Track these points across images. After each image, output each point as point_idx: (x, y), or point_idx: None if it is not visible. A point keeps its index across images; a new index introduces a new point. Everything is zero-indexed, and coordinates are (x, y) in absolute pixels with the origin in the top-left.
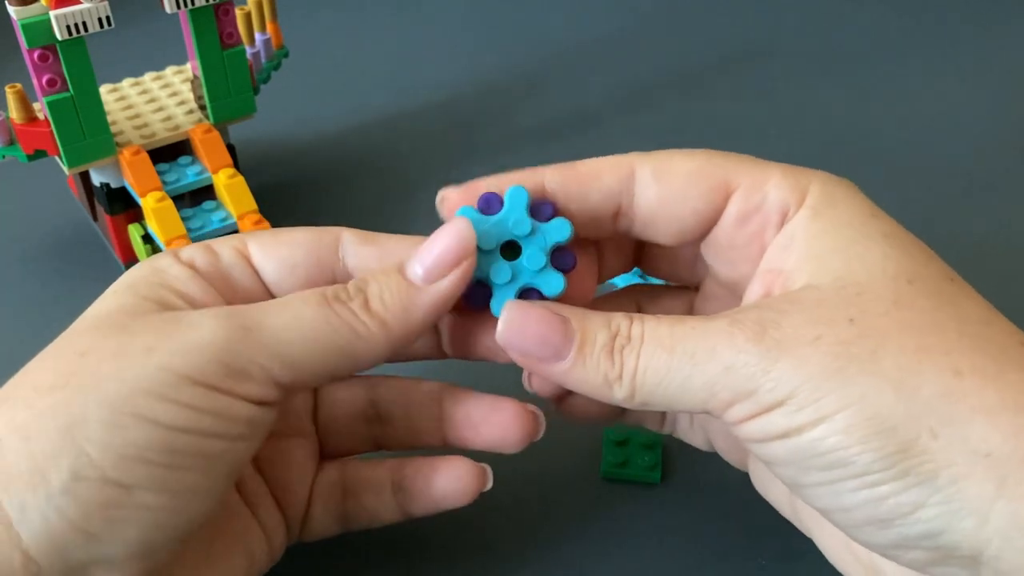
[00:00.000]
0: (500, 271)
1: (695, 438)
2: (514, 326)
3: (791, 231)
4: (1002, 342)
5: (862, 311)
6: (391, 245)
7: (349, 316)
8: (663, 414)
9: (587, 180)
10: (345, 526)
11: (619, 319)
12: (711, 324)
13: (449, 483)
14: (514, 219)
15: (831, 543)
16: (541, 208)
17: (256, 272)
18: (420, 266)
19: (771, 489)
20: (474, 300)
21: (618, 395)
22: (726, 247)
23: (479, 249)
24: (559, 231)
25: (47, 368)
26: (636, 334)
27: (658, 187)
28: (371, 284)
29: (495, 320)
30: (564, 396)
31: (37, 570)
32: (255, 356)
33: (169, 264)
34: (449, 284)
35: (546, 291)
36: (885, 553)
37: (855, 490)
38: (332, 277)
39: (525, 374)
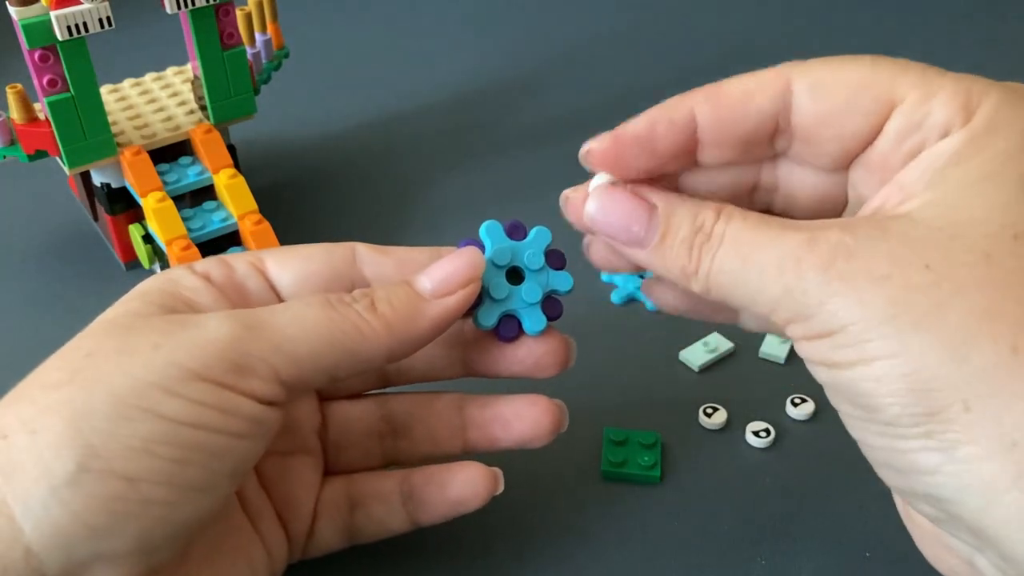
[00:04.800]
0: (499, 287)
1: None
2: (602, 209)
3: (938, 151)
4: None
5: (945, 257)
6: (405, 255)
7: (353, 315)
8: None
9: (739, 104)
10: (352, 540)
11: (706, 213)
12: (789, 238)
13: (464, 487)
14: (530, 252)
15: None
16: (555, 255)
17: (271, 285)
18: (429, 281)
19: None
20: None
21: (695, 288)
22: (879, 166)
23: (491, 263)
24: (562, 282)
25: (53, 368)
26: (718, 232)
27: (817, 104)
28: (378, 290)
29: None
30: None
31: (39, 564)
32: (260, 352)
33: (182, 275)
34: (454, 301)
35: (527, 326)
36: (901, 496)
37: (878, 434)
38: (349, 287)
39: (586, 242)
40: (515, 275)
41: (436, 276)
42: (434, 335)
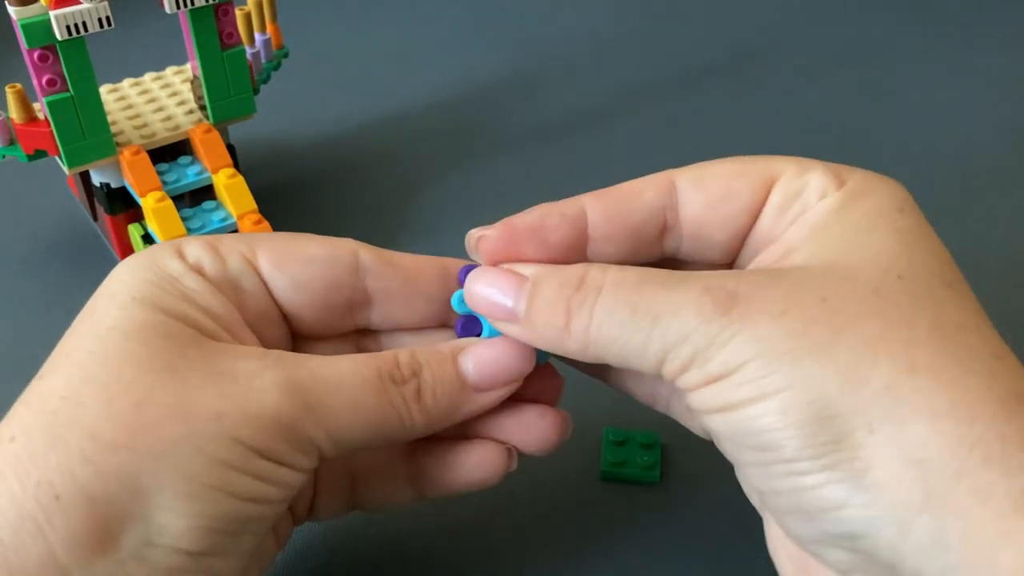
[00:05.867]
0: None
1: (692, 423)
2: (476, 286)
3: (817, 210)
4: (975, 349)
5: (838, 293)
6: (412, 266)
7: (400, 404)
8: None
9: (628, 199)
10: (356, 508)
11: (574, 269)
12: (682, 287)
13: (478, 469)
14: None
15: None
16: None
17: (264, 283)
18: (474, 368)
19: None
20: (466, 333)
21: (571, 345)
22: (765, 241)
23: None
24: None
25: (102, 415)
26: (594, 283)
27: (701, 193)
28: (424, 371)
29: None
30: None
31: None
32: (314, 435)
33: (180, 271)
34: (494, 398)
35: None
36: (811, 549)
37: (782, 476)
38: (349, 295)
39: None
40: None
41: (484, 369)
42: (465, 420)
